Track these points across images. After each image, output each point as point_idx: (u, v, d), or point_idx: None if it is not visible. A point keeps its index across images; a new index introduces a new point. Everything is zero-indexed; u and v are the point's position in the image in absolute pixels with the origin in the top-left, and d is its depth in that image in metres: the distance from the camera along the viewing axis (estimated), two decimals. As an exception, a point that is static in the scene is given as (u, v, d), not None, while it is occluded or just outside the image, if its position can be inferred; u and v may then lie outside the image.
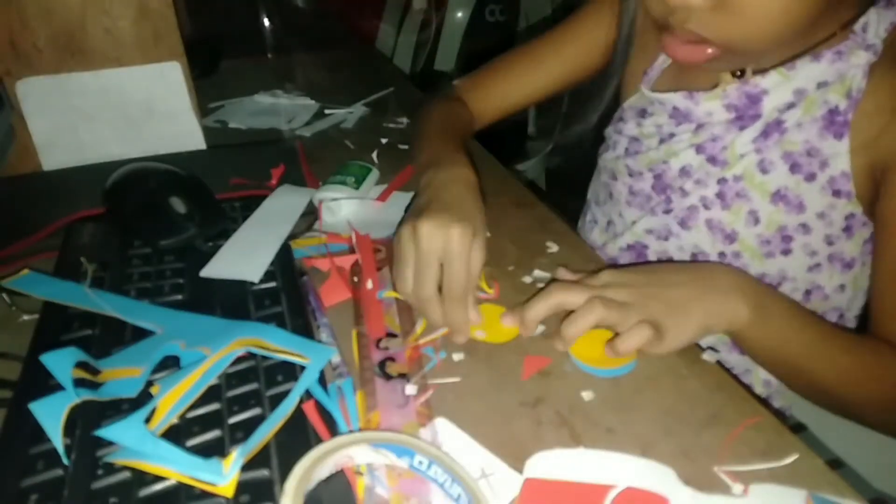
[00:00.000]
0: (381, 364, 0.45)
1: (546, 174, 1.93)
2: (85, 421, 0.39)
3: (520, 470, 0.38)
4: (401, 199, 0.68)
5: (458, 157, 0.56)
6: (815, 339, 0.50)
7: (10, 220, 0.63)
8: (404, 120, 0.91)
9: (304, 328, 0.47)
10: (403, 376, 0.44)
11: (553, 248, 0.61)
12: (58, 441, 0.36)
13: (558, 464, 0.37)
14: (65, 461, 0.36)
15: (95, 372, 0.42)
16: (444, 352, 0.47)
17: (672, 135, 0.63)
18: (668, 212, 0.63)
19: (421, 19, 1.91)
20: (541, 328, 0.50)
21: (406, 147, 0.82)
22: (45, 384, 0.41)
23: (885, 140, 0.52)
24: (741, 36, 0.47)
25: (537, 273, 0.57)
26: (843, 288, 0.60)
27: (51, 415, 0.38)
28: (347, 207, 0.65)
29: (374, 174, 0.71)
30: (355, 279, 0.54)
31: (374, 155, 0.78)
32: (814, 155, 0.55)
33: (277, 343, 0.44)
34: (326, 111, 0.94)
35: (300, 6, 1.54)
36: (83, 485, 0.35)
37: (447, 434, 0.40)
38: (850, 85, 0.53)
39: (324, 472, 0.35)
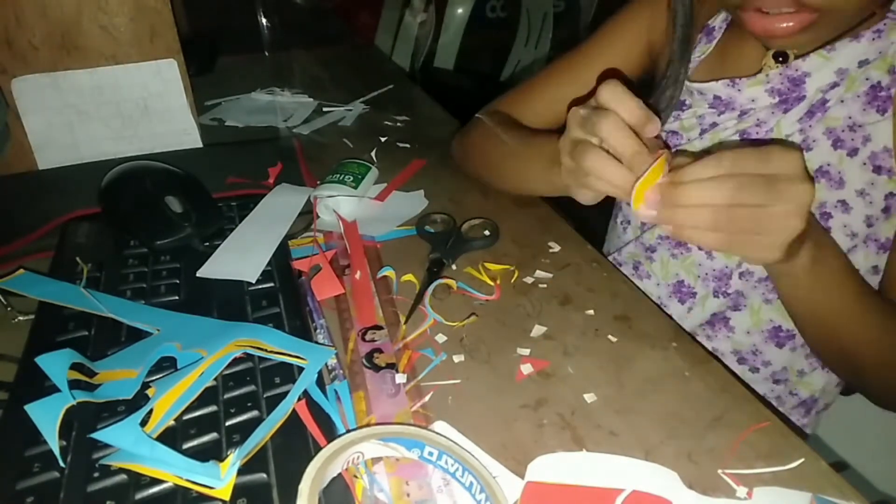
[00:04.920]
0: (369, 356, 0.46)
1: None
2: (81, 423, 0.38)
3: (521, 474, 0.37)
4: (400, 199, 0.68)
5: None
6: (854, 299, 0.50)
7: (5, 220, 0.63)
8: (403, 118, 0.91)
9: (301, 329, 0.47)
10: (391, 366, 0.45)
11: (555, 247, 0.61)
12: (54, 443, 0.36)
13: (560, 467, 0.37)
14: (61, 463, 0.36)
15: (91, 374, 0.42)
16: (445, 353, 0.47)
17: (714, 124, 0.62)
18: None
19: (420, 16, 1.90)
20: (542, 329, 0.50)
21: (405, 145, 0.82)
22: (41, 386, 0.40)
23: None
24: None
25: (539, 273, 0.57)
26: (875, 270, 0.60)
27: (47, 417, 0.37)
28: (345, 206, 0.64)
29: (373, 173, 0.70)
30: (346, 271, 0.54)
31: (373, 153, 0.78)
32: (856, 130, 0.55)
33: (274, 344, 0.44)
34: (325, 109, 0.93)
35: (298, 2, 1.54)
36: (79, 487, 0.35)
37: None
38: (892, 62, 0.53)
39: (335, 469, 0.35)
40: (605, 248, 0.81)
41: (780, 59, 0.57)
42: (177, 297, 0.51)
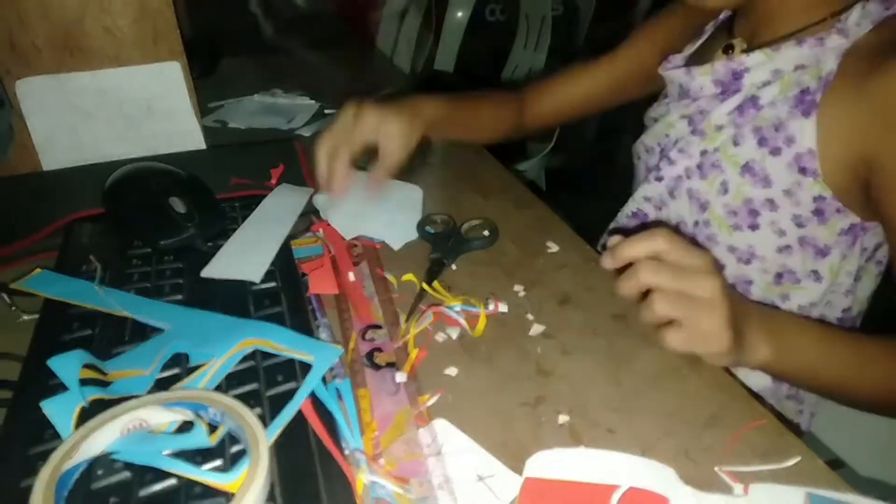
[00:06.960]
0: (369, 354, 0.46)
1: (546, 174, 1.93)
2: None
3: (520, 471, 0.38)
4: (402, 193, 0.68)
5: (428, 98, 0.69)
6: (844, 360, 0.49)
7: (9, 220, 0.63)
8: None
9: (303, 328, 0.47)
10: (391, 365, 0.45)
11: (553, 247, 0.61)
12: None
13: (558, 463, 0.37)
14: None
15: (103, 374, 0.42)
16: (445, 353, 0.47)
17: (670, 109, 0.68)
18: (659, 179, 0.67)
19: (421, 19, 1.91)
20: (541, 328, 0.50)
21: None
22: (46, 384, 0.41)
23: (864, 136, 0.52)
24: None
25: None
26: (817, 275, 0.60)
27: (62, 412, 0.38)
28: (346, 206, 0.64)
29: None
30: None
31: (374, 154, 0.78)
32: (780, 130, 0.57)
33: (283, 343, 0.44)
34: (326, 111, 0.94)
35: (300, 5, 1.54)
36: (83, 484, 0.35)
37: (446, 435, 0.40)
38: (823, 68, 0.55)
39: (108, 437, 0.36)
40: None
41: (729, 51, 0.62)
42: (180, 297, 0.51)
